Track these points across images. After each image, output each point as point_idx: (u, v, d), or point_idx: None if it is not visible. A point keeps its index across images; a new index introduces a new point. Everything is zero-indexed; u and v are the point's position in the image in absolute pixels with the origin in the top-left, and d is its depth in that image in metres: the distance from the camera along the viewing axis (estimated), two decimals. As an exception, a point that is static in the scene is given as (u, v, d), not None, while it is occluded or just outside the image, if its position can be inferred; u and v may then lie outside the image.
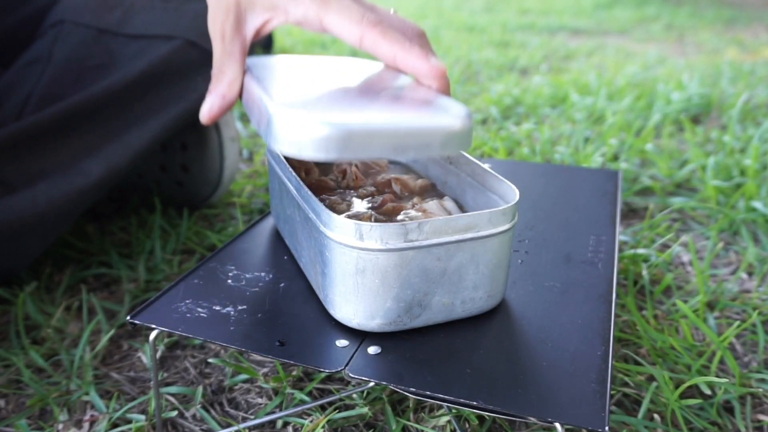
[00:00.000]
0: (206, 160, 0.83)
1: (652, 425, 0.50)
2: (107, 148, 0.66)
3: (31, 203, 0.60)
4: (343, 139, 0.36)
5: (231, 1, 0.47)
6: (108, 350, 0.60)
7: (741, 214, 0.85)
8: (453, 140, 0.39)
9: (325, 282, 0.43)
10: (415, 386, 0.37)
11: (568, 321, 0.44)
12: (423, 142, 0.38)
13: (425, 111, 0.40)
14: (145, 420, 0.51)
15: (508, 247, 0.44)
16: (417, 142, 0.38)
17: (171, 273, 0.71)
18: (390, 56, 0.43)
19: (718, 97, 1.45)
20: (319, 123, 0.36)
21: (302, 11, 0.45)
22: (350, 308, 0.42)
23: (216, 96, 0.48)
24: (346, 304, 0.42)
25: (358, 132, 0.37)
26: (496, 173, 0.47)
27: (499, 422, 0.50)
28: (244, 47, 0.49)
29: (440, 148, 0.39)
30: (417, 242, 0.40)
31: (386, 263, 0.40)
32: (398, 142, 0.38)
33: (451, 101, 0.41)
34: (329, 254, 0.41)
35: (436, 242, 0.40)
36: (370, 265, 0.40)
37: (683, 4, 3.71)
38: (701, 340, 0.62)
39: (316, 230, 0.43)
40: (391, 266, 0.40)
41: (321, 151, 0.36)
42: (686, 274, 0.74)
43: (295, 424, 0.51)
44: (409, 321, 0.42)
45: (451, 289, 0.42)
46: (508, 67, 1.88)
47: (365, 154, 0.37)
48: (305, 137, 0.36)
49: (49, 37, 0.69)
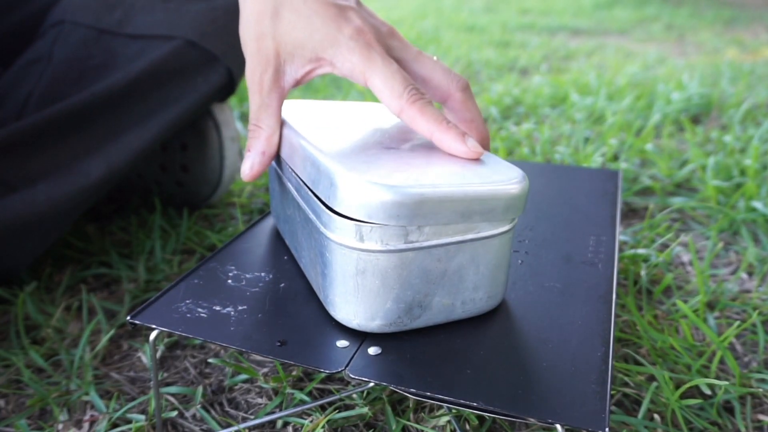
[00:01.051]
0: (206, 160, 0.83)
1: (652, 425, 0.50)
2: (107, 148, 0.66)
3: (31, 203, 0.60)
4: (415, 205, 0.38)
5: (270, 52, 0.47)
6: (108, 350, 0.60)
7: (741, 214, 0.85)
8: (514, 204, 0.41)
9: (326, 283, 0.43)
10: (415, 386, 0.37)
11: (568, 321, 0.44)
12: (488, 207, 0.40)
13: (485, 175, 0.41)
14: (145, 420, 0.51)
15: (509, 247, 0.44)
16: (482, 208, 0.40)
17: (171, 273, 0.71)
18: (428, 133, 0.44)
19: (718, 97, 1.45)
20: (390, 189, 0.37)
21: (348, 67, 0.46)
22: (350, 309, 0.42)
23: (255, 154, 0.48)
24: (346, 305, 0.42)
25: (429, 199, 0.38)
26: None
27: (499, 422, 0.50)
28: (282, 99, 0.48)
29: (503, 213, 0.41)
30: (417, 243, 0.40)
31: (386, 264, 0.40)
32: (465, 208, 0.39)
33: (501, 162, 0.44)
34: (329, 255, 0.41)
35: (437, 243, 0.40)
36: (371, 266, 0.40)
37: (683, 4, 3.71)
38: (701, 340, 0.62)
39: (316, 231, 0.43)
40: (391, 267, 0.40)
41: (392, 218, 0.38)
42: (686, 274, 0.74)
43: (295, 424, 0.51)
44: (410, 322, 0.42)
45: (452, 290, 0.42)
46: (508, 67, 1.88)
47: (433, 219, 0.39)
48: (376, 202, 0.37)
49: (50, 37, 0.69)
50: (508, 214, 0.41)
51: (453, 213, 0.39)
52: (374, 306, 0.41)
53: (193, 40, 0.70)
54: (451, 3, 3.62)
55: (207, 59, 0.71)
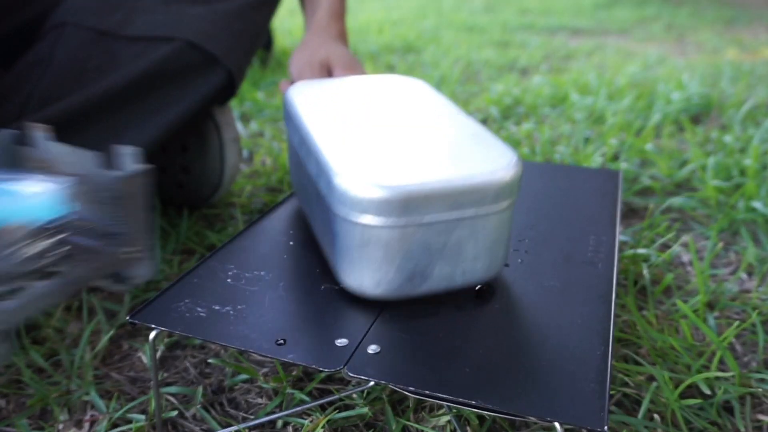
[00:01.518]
0: (207, 161, 0.83)
1: (652, 425, 0.50)
2: (106, 148, 0.66)
3: None
4: (405, 202, 0.41)
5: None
6: (108, 350, 0.60)
7: (741, 214, 0.85)
8: (505, 191, 0.43)
9: (334, 252, 0.46)
10: (415, 386, 0.37)
11: (568, 321, 0.44)
12: (478, 198, 0.42)
13: (477, 161, 0.44)
14: (145, 420, 0.51)
15: (508, 222, 0.45)
16: (472, 199, 0.42)
17: (171, 273, 0.71)
18: None
19: (718, 97, 1.45)
20: (380, 188, 0.41)
21: None
22: (356, 277, 0.44)
23: None
24: (352, 274, 0.44)
25: (418, 195, 0.41)
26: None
27: (499, 422, 0.50)
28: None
29: (493, 200, 0.43)
30: (418, 220, 0.41)
31: (388, 238, 0.42)
32: (455, 201, 0.42)
33: (498, 143, 0.46)
34: (337, 228, 0.44)
35: (437, 219, 0.42)
36: (374, 239, 0.42)
37: (683, 4, 3.71)
38: (701, 340, 0.62)
39: (325, 204, 0.45)
40: (393, 241, 0.42)
41: (383, 213, 0.41)
42: (686, 274, 0.74)
43: (295, 424, 0.51)
44: (412, 289, 0.44)
45: (451, 261, 0.44)
46: (508, 67, 1.88)
47: (425, 212, 0.41)
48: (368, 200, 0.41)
49: (51, 39, 0.69)
50: (500, 200, 0.43)
51: (444, 205, 0.41)
52: (378, 275, 0.44)
53: (193, 42, 0.71)
54: (451, 3, 3.62)
55: (207, 61, 0.71)
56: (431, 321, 0.44)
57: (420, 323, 0.43)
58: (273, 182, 0.98)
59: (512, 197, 0.44)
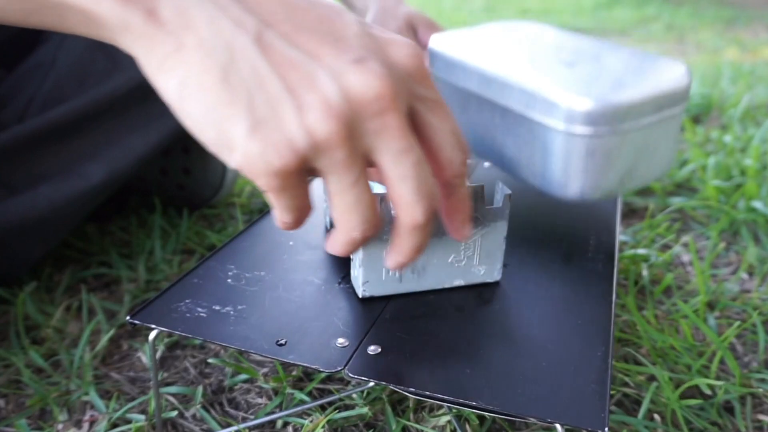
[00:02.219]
0: (209, 163, 0.83)
1: (652, 425, 0.50)
2: (109, 151, 0.66)
3: (32, 206, 0.60)
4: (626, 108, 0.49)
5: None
6: (108, 350, 0.60)
7: (741, 214, 0.85)
8: (686, 93, 0.53)
9: (553, 170, 0.52)
10: (415, 386, 0.37)
11: (568, 321, 0.44)
12: (671, 100, 0.51)
13: (661, 72, 0.52)
14: (145, 420, 0.51)
15: (681, 126, 0.56)
16: (668, 101, 0.51)
17: (171, 273, 0.71)
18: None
19: (718, 97, 1.45)
20: (604, 99, 0.48)
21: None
22: (578, 185, 0.52)
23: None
24: (575, 183, 0.52)
25: (634, 101, 0.49)
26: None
27: (499, 422, 0.50)
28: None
29: (680, 101, 0.53)
30: (636, 124, 0.50)
31: (612, 143, 0.50)
32: (657, 104, 0.50)
33: (661, 57, 0.55)
34: (560, 144, 0.51)
35: (648, 122, 0.51)
36: (600, 146, 0.50)
37: (683, 4, 3.71)
38: (701, 340, 0.62)
39: (540, 128, 0.52)
40: (615, 145, 0.50)
41: (610, 122, 0.48)
42: (686, 274, 0.74)
43: (295, 424, 0.51)
44: (622, 189, 0.53)
45: (649, 160, 0.53)
46: (508, 67, 1.88)
47: (640, 119, 0.50)
48: (597, 111, 0.48)
49: (54, 42, 0.69)
50: (683, 102, 0.53)
51: (651, 109, 0.50)
52: (599, 179, 0.51)
53: None
54: (451, 3, 3.63)
55: None
56: (431, 321, 0.44)
57: (420, 324, 0.43)
58: (273, 182, 0.97)
59: (687, 100, 0.54)
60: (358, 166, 0.30)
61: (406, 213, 0.32)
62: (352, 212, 0.31)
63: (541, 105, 0.51)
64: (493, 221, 0.45)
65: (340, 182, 0.30)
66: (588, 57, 0.56)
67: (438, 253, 0.45)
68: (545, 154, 0.53)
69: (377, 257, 0.43)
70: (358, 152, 0.30)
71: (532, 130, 0.54)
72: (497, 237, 0.46)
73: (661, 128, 0.53)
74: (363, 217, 0.32)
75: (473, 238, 0.45)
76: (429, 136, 0.33)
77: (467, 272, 0.46)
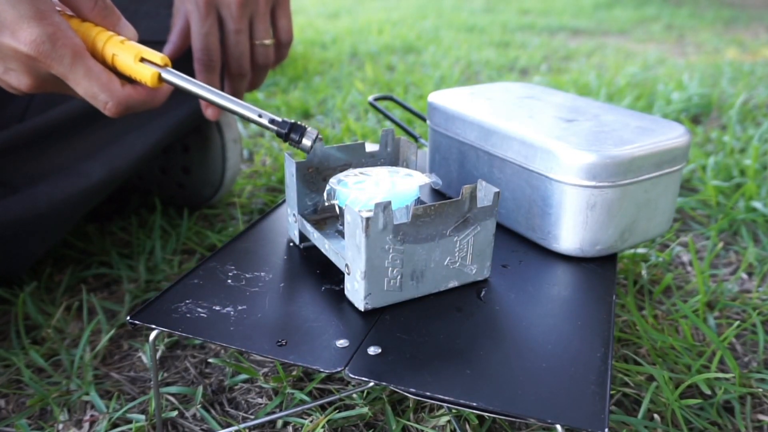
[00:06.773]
0: (208, 161, 0.83)
1: (652, 425, 0.50)
2: (109, 150, 0.67)
3: (32, 204, 0.60)
4: (627, 163, 0.49)
5: None
6: (108, 350, 0.60)
7: (741, 214, 0.85)
8: (686, 152, 0.54)
9: (550, 221, 0.53)
10: (415, 386, 0.37)
11: (568, 322, 0.44)
12: (671, 157, 0.52)
13: (662, 131, 0.53)
14: (145, 420, 0.51)
15: (679, 183, 0.56)
16: (667, 159, 0.52)
17: (171, 273, 0.71)
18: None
19: (718, 97, 1.45)
20: (606, 154, 0.49)
21: None
22: (577, 239, 0.52)
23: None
24: (573, 236, 0.52)
25: (635, 157, 0.50)
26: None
27: (499, 422, 0.50)
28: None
29: (681, 159, 0.54)
30: (636, 177, 0.51)
31: (614, 196, 0.50)
32: (658, 161, 0.51)
33: (659, 119, 0.57)
34: (560, 195, 0.51)
35: (647, 176, 0.51)
36: (601, 199, 0.50)
37: (683, 4, 3.71)
38: (701, 340, 0.62)
39: (538, 179, 0.53)
40: (617, 198, 0.51)
41: (611, 176, 0.49)
42: (686, 274, 0.74)
43: (295, 424, 0.51)
44: (621, 245, 0.53)
45: (649, 215, 0.54)
46: (508, 67, 1.88)
47: (641, 174, 0.51)
48: (599, 164, 0.49)
49: None
50: (683, 160, 0.54)
51: (651, 165, 0.51)
52: (598, 234, 0.51)
53: None
54: (451, 3, 3.62)
55: None
56: (432, 322, 0.44)
57: (420, 324, 0.43)
58: (273, 182, 0.98)
59: (687, 160, 0.55)
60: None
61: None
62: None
63: (543, 157, 0.52)
64: (483, 220, 0.45)
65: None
66: (588, 115, 0.58)
67: (435, 256, 0.45)
68: (544, 206, 0.53)
69: (380, 268, 0.43)
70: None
71: (531, 181, 0.54)
72: (487, 235, 0.46)
73: (661, 185, 0.53)
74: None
75: (466, 239, 0.45)
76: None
77: (461, 273, 0.47)
